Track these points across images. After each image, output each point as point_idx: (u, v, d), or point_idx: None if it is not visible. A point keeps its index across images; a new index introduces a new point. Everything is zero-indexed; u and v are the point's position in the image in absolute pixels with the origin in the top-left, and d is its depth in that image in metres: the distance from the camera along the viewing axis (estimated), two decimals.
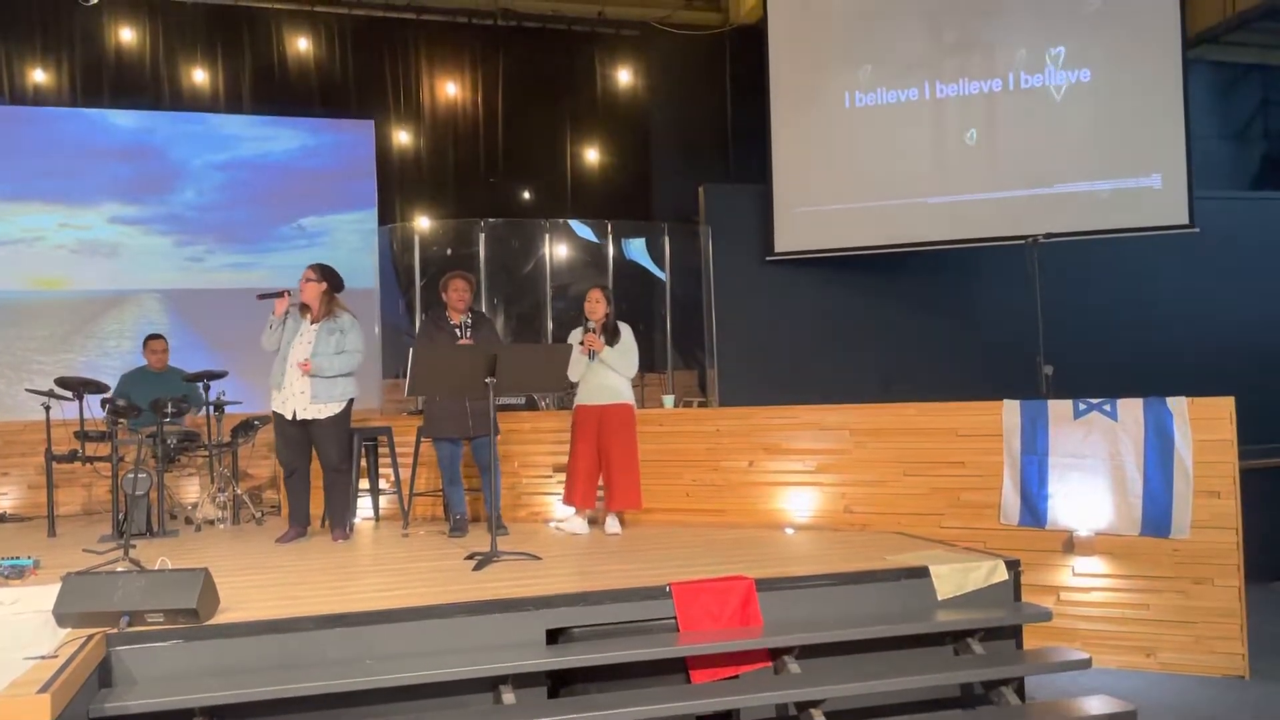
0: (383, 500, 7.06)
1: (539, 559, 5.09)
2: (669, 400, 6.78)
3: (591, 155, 10.48)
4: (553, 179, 10.34)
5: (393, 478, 6.86)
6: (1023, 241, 6.95)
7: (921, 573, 4.56)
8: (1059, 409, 5.44)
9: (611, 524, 6.03)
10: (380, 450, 6.95)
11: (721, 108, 10.21)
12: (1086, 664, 4.41)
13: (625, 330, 6.11)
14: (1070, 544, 5.33)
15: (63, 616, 3.63)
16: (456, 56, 10.11)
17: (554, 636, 4.07)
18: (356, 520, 6.51)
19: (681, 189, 9.95)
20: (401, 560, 5.41)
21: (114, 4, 9.10)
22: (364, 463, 6.81)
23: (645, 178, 10.54)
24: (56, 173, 8.90)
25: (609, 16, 10.25)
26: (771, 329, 9.30)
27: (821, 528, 5.98)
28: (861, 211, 9.12)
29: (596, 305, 6.01)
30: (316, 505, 6.41)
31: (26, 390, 7.16)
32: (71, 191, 8.94)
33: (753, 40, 9.75)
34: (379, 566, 5.31)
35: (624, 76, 10.45)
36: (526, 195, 10.43)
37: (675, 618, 4.20)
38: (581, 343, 5.96)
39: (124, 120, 9.21)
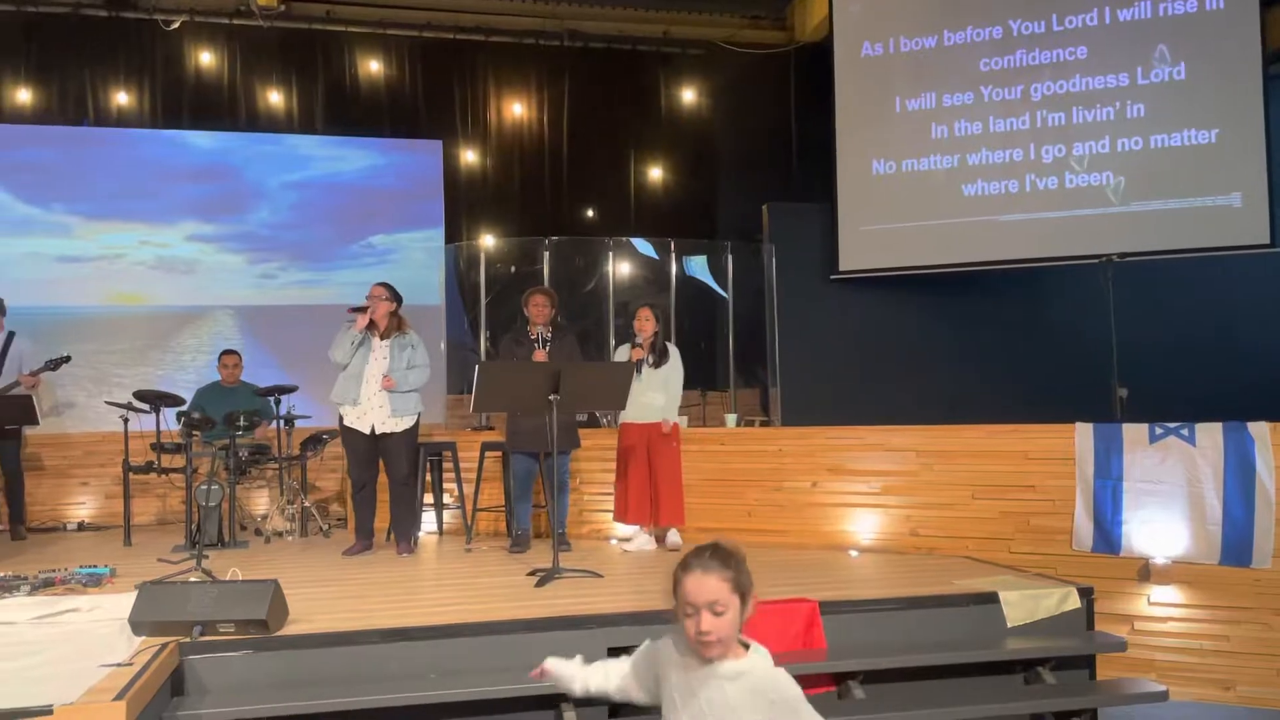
0: (445, 515, 7.13)
1: (601, 576, 5.09)
2: (731, 419, 6.75)
3: (655, 174, 10.51)
4: (616, 197, 10.39)
5: (456, 492, 6.93)
6: (1097, 261, 6.79)
7: (990, 598, 4.46)
8: (1134, 433, 5.30)
9: (672, 538, 6.04)
10: (444, 465, 7.03)
11: (786, 126, 10.18)
12: (1163, 697, 4.27)
13: (674, 352, 6.13)
14: (1146, 572, 5.18)
15: (138, 625, 3.72)
16: (523, 77, 10.23)
17: (616, 654, 4.05)
18: (420, 534, 6.58)
19: (745, 207, 9.93)
20: (465, 575, 5.46)
21: (194, 28, 9.40)
22: (428, 477, 6.89)
23: (709, 196, 10.53)
24: (137, 192, 9.19)
25: (674, 36, 10.29)
26: (835, 348, 9.20)
27: (886, 551, 5.89)
28: (929, 230, 9.00)
29: (645, 323, 6.05)
30: (381, 520, 6.49)
31: (106, 403, 7.39)
32: (151, 210, 9.22)
33: (818, 58, 9.71)
34: (443, 581, 5.35)
35: (688, 95, 10.47)
36: (590, 213, 10.49)
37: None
38: (630, 360, 5.99)
39: (202, 141, 9.49)
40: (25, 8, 8.96)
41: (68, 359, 7.54)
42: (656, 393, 6.01)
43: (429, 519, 7.02)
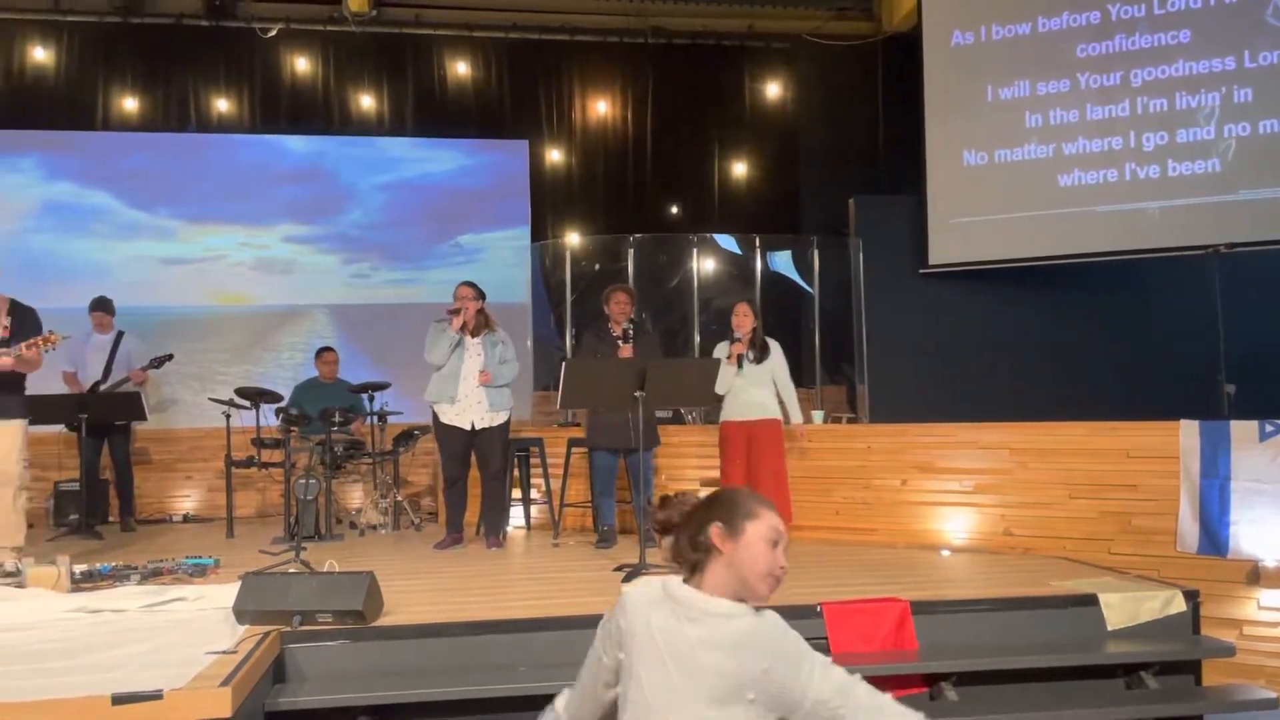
0: (532, 510, 7.21)
1: None
2: (818, 416, 6.69)
3: (739, 169, 10.46)
4: (700, 193, 10.36)
5: (543, 488, 7.01)
6: (1202, 252, 6.53)
7: (1090, 600, 4.33)
8: (1243, 430, 5.08)
9: None
10: (531, 461, 7.11)
11: (873, 118, 10.03)
12: (1273, 704, 4.09)
13: (775, 348, 6.07)
14: (1255, 575, 4.97)
15: (241, 614, 3.84)
16: (607, 75, 10.27)
17: None
18: (508, 529, 6.67)
19: (831, 201, 9.81)
20: (553, 569, 5.51)
21: (290, 35, 9.67)
22: (516, 473, 6.98)
23: (794, 191, 10.44)
24: (237, 195, 9.51)
25: (759, 31, 10.22)
26: (925, 344, 9.03)
27: (979, 550, 5.76)
28: (1023, 221, 8.77)
29: (744, 319, 6.00)
30: (469, 514, 6.60)
31: (209, 399, 7.66)
32: (250, 213, 9.53)
33: (906, 48, 9.54)
34: (531, 575, 5.42)
35: (773, 89, 10.39)
36: (674, 210, 10.49)
37: (826, 638, 4.11)
38: (729, 357, 5.95)
39: (298, 145, 9.77)
40: (131, 19, 9.34)
41: (170, 357, 7.85)
42: (758, 389, 5.96)
43: (516, 514, 7.11)
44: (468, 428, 6.15)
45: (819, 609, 4.14)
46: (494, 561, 5.85)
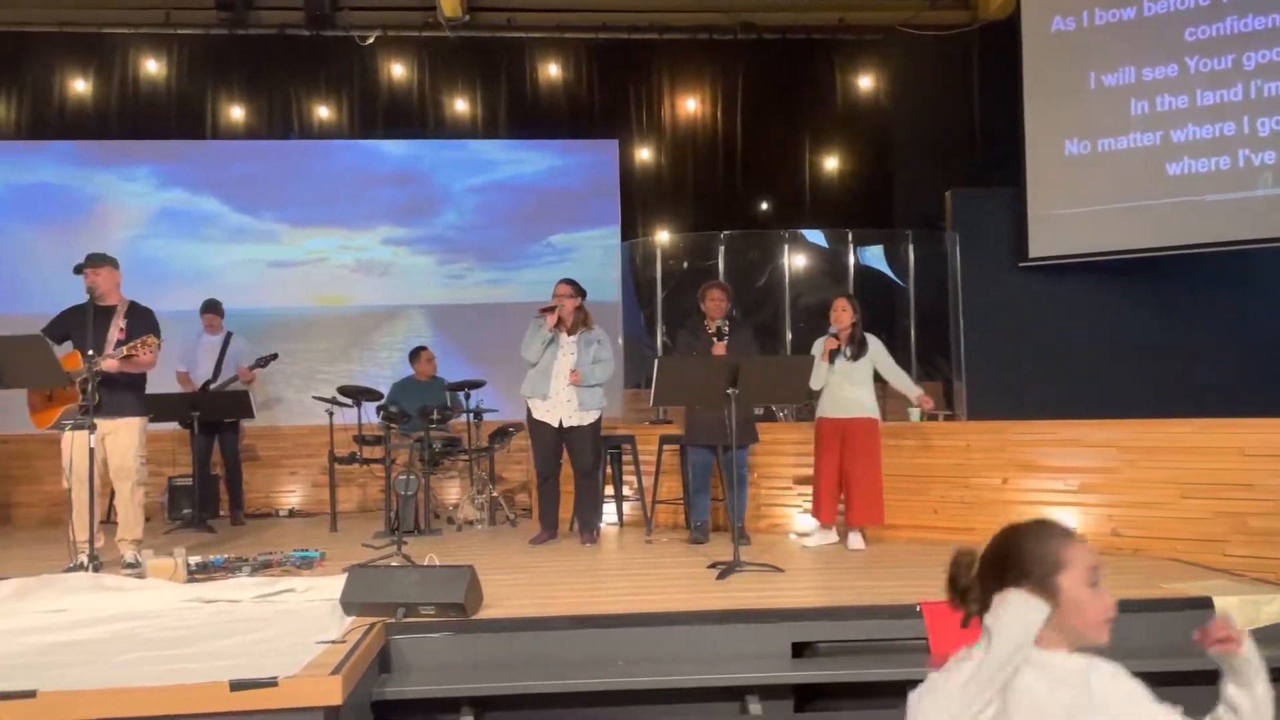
0: (625, 507, 7.26)
1: (782, 571, 5.06)
2: (915, 414, 6.57)
3: (831, 163, 10.33)
4: (791, 189, 10.27)
5: (635, 485, 7.05)
6: None
7: (1204, 604, 4.17)
8: None
9: (854, 540, 5.92)
10: (623, 458, 7.15)
11: (969, 109, 9.79)
12: None
13: (875, 343, 5.99)
14: None
15: (348, 605, 3.97)
16: (697, 72, 10.26)
17: (799, 650, 4.03)
18: (601, 525, 6.73)
19: (926, 195, 9.62)
20: (646, 565, 5.54)
21: (386, 42, 9.91)
22: (608, 469, 7.03)
23: (887, 184, 10.27)
24: (337, 199, 9.78)
25: (850, 23, 10.09)
26: (1025, 339, 8.79)
27: None
28: (1128, 212, 8.47)
29: (842, 314, 5.94)
30: (563, 510, 6.67)
31: (313, 397, 7.91)
32: (350, 216, 9.80)
33: (1004, 36, 9.29)
34: (625, 571, 5.46)
35: (865, 82, 10.24)
36: (764, 206, 10.42)
37: (926, 638, 4.05)
38: (823, 353, 5.90)
39: (395, 149, 10.00)
40: (236, 30, 9.68)
41: (275, 356, 8.11)
42: (855, 386, 5.89)
43: (609, 510, 7.17)
44: (556, 424, 6.23)
45: (918, 609, 4.08)
46: (588, 557, 5.92)
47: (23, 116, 9.71)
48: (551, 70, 10.11)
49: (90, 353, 5.17)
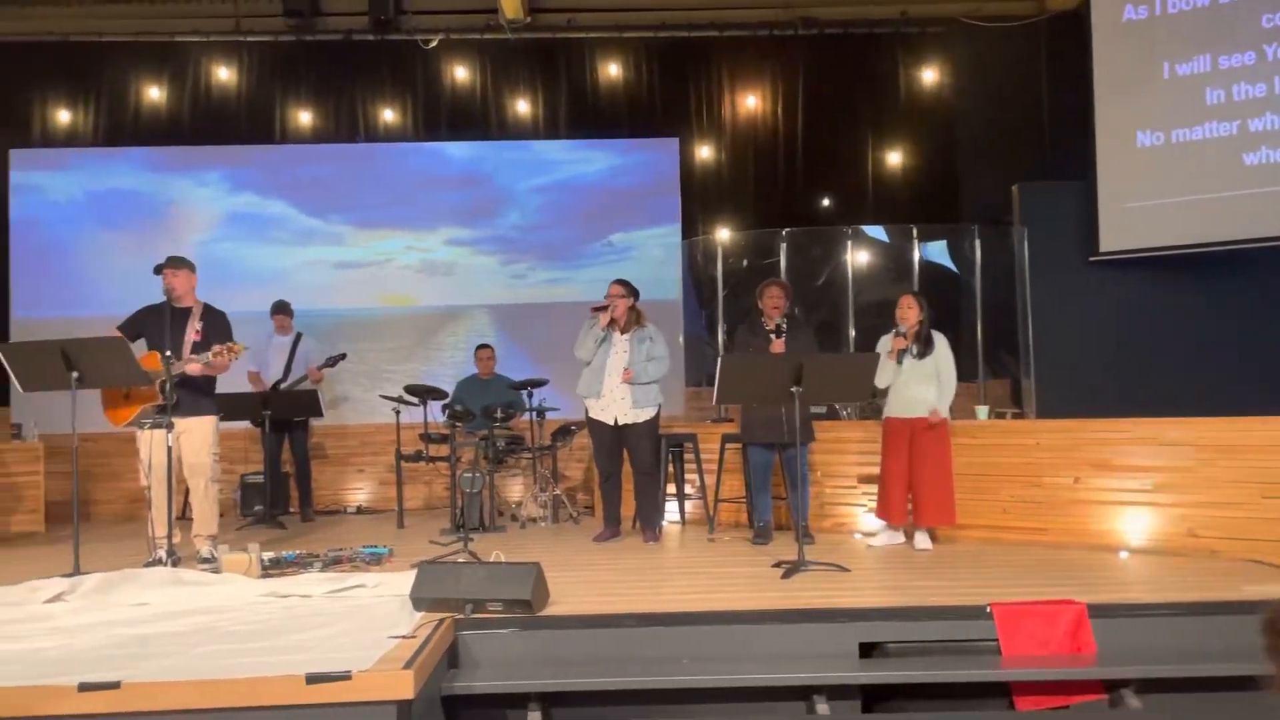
0: (687, 505, 7.25)
1: (848, 570, 5.02)
2: (983, 411, 6.46)
3: (894, 158, 10.21)
4: (854, 185, 10.17)
5: (697, 483, 7.04)
6: None
7: None
8: None
9: (921, 540, 5.84)
10: (685, 456, 7.15)
11: (1036, 101, 9.60)
12: None
13: (941, 341, 5.90)
14: None
15: (418, 601, 4.03)
16: (757, 69, 10.21)
17: (867, 650, 4.00)
18: (663, 524, 6.73)
19: (992, 189, 9.45)
20: (710, 564, 5.54)
21: (449, 45, 10.02)
22: (670, 468, 7.03)
23: (952, 179, 10.11)
24: (402, 201, 9.93)
25: (913, 16, 9.96)
26: (1096, 335, 8.60)
27: (1160, 552, 5.45)
28: (1204, 204, 8.24)
29: (909, 311, 5.86)
30: (625, 508, 6.69)
31: (380, 396, 8.03)
32: (415, 218, 9.93)
33: (1072, 26, 9.09)
34: (689, 569, 5.46)
35: (929, 75, 10.09)
36: (826, 202, 10.33)
37: (997, 639, 3.99)
38: (890, 351, 5.83)
39: (458, 151, 10.12)
40: (304, 36, 9.87)
41: (344, 356, 8.26)
42: (922, 385, 5.81)
43: (671, 509, 7.17)
44: (611, 422, 6.26)
45: (988, 610, 4.02)
46: (651, 555, 5.93)
47: (100, 124, 10.01)
48: (611, 69, 10.15)
49: (168, 354, 5.31)
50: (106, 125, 10.00)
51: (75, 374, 5.15)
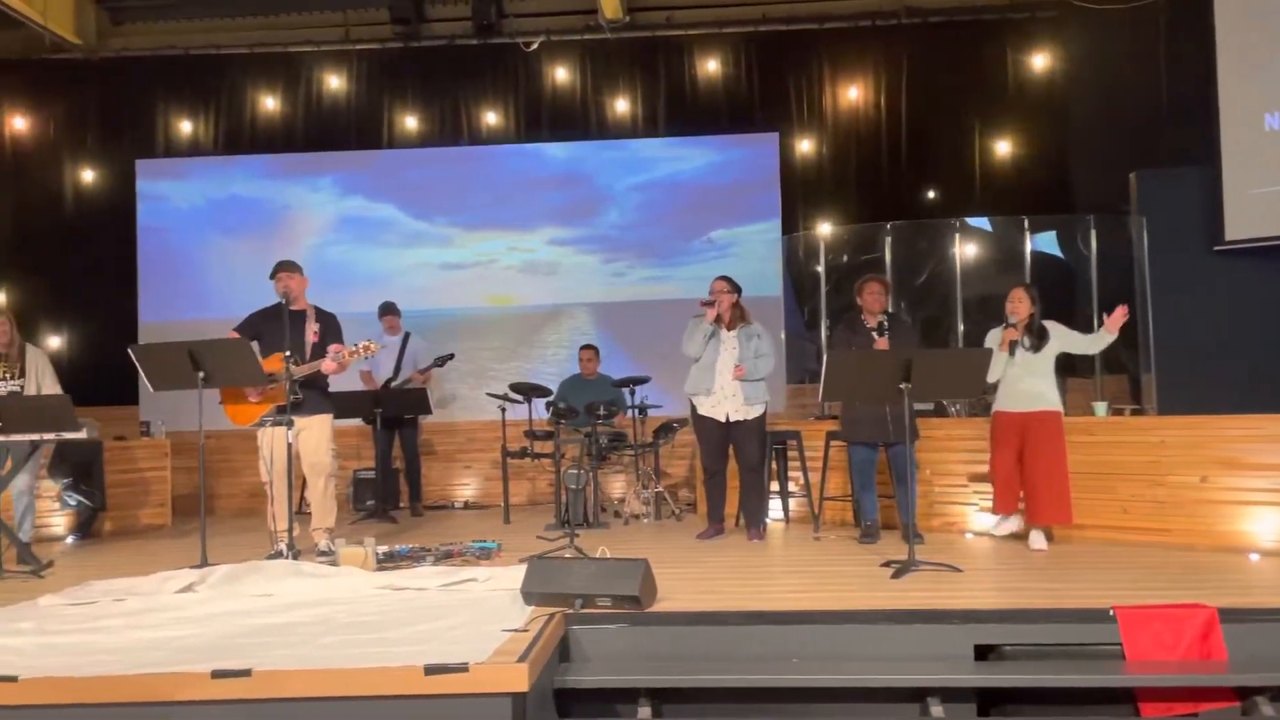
0: (791, 503, 7.20)
1: (960, 570, 4.91)
2: (1101, 408, 6.24)
3: (1002, 148, 9.92)
4: (960, 176, 9.92)
5: (801, 481, 6.97)
6: None
7: None
8: None
9: (1036, 539, 5.67)
10: (788, 454, 7.09)
11: (1154, 86, 9.20)
12: None
13: (1055, 329, 5.71)
14: None
15: (528, 595, 4.09)
16: (859, 60, 10.06)
17: (983, 652, 3.90)
18: (767, 521, 6.69)
19: (1107, 177, 9.11)
20: (816, 563, 5.48)
21: (550, 47, 10.15)
22: (774, 465, 6.99)
23: (1064, 168, 9.78)
24: (505, 203, 10.10)
25: (1021, 1, 9.67)
26: (1222, 327, 8.20)
27: None
28: None
29: (1019, 304, 5.70)
30: (728, 506, 6.67)
31: (487, 394, 8.18)
32: (517, 218, 10.10)
33: (1191, 5, 8.70)
34: (795, 568, 5.42)
35: (1038, 62, 9.78)
36: (931, 195, 10.10)
37: (1120, 644, 3.85)
38: (1000, 344, 5.68)
39: (559, 152, 10.24)
40: (410, 43, 10.12)
41: (451, 356, 8.45)
42: (1035, 378, 5.65)
43: (775, 506, 7.12)
44: (722, 419, 6.24)
45: (1111, 613, 3.88)
46: (756, 553, 5.90)
47: (219, 134, 10.44)
48: (710, 65, 10.13)
49: (289, 354, 5.51)
50: (225, 135, 10.42)
51: (201, 374, 5.39)
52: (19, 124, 10.45)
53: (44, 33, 9.39)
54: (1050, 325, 5.73)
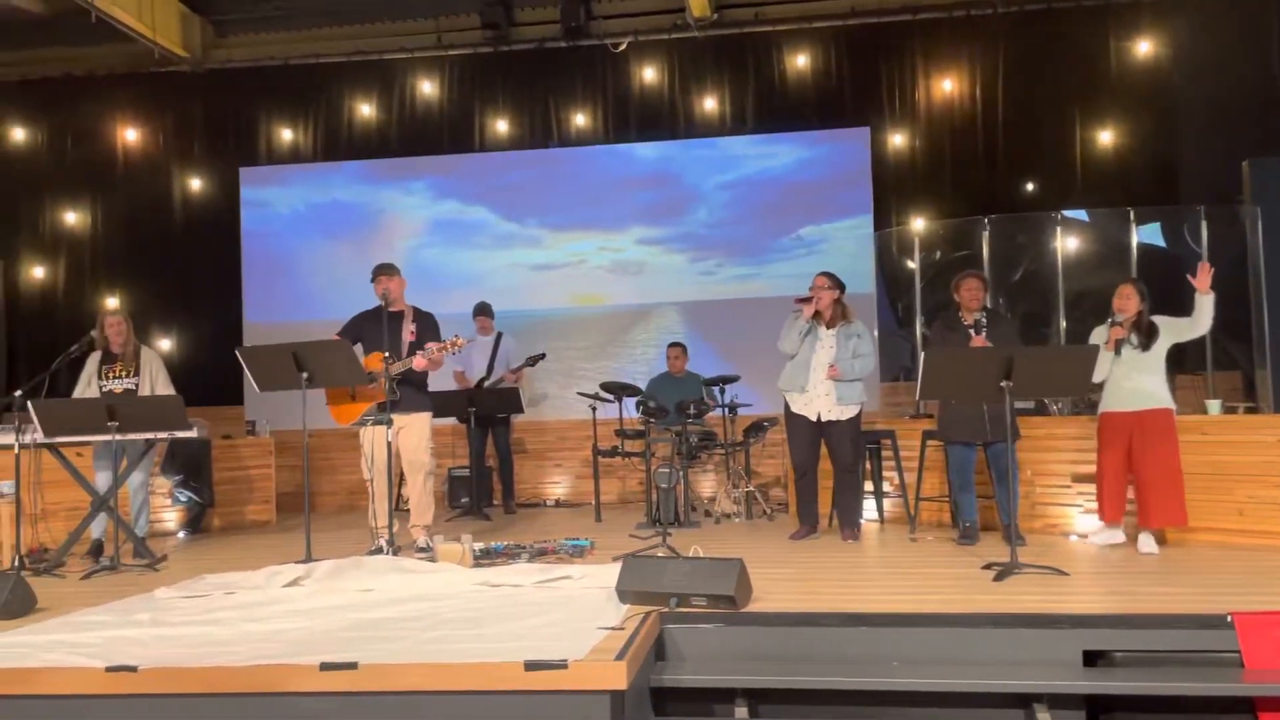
0: (886, 503, 7.08)
1: (1066, 574, 4.76)
2: (1214, 405, 5.99)
3: (1105, 138, 9.58)
4: (1060, 167, 9.61)
5: (896, 481, 6.85)
6: None
7: None
8: None
9: (1146, 542, 5.47)
10: (883, 453, 6.98)
11: (1267, 70, 8.80)
12: None
13: (1164, 323, 5.51)
14: None
15: (623, 593, 4.10)
16: (953, 51, 9.83)
17: (1092, 658, 3.78)
18: (861, 522, 6.60)
19: (1218, 166, 8.74)
20: (913, 565, 5.38)
21: (638, 47, 10.17)
22: (868, 465, 6.88)
23: (1170, 157, 9.41)
24: (594, 203, 10.17)
25: None
26: None
27: None
28: None
29: (1127, 301, 5.51)
30: (821, 506, 6.58)
31: (578, 394, 8.25)
32: (606, 219, 10.16)
33: None
34: (891, 569, 5.33)
35: (1143, 48, 9.43)
36: (1030, 187, 9.81)
37: (1238, 651, 3.69)
38: (1106, 342, 5.50)
39: (647, 152, 10.26)
40: (500, 47, 10.25)
41: (543, 356, 8.54)
42: (1144, 376, 5.45)
43: (869, 507, 7.01)
44: (814, 418, 6.16)
45: (1229, 619, 3.72)
46: (851, 554, 5.82)
47: (318, 140, 10.74)
48: (799, 61, 10.03)
49: (388, 354, 5.64)
50: (324, 141, 10.72)
51: (305, 374, 5.55)
52: (130, 135, 10.91)
53: (153, 47, 9.77)
54: (1159, 320, 5.53)
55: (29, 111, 10.97)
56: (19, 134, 11.00)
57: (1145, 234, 8.42)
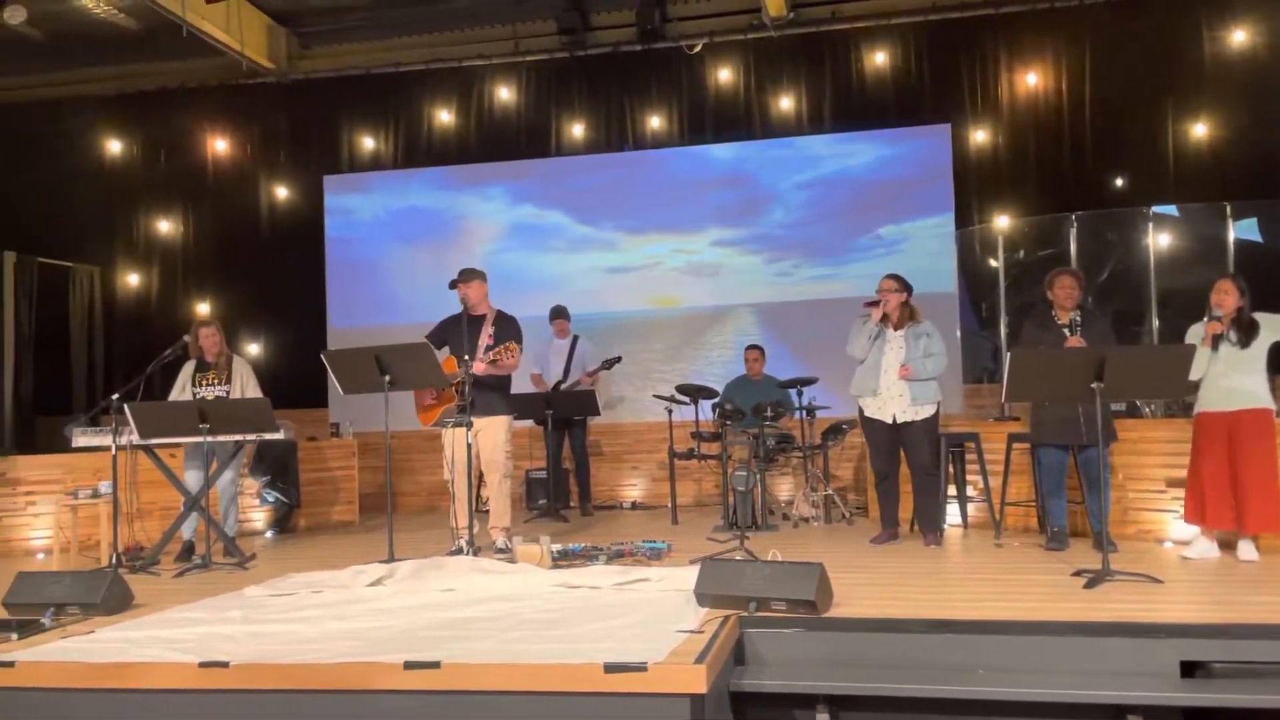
0: (970, 508, 6.93)
1: (1160, 582, 4.60)
2: None
3: (1198, 130, 9.23)
4: (1151, 162, 9.28)
5: (980, 485, 6.70)
6: None
7: None
8: None
9: (1245, 549, 5.25)
10: (966, 456, 6.83)
11: None
12: None
13: (1266, 320, 5.28)
14: None
15: (702, 596, 4.08)
16: (1037, 45, 9.58)
17: (1189, 669, 3.64)
18: (944, 527, 6.46)
19: None
20: (1000, 570, 5.26)
21: (713, 48, 10.13)
22: (950, 468, 6.74)
23: (1270, 150, 9.02)
24: (670, 205, 10.16)
25: None
26: None
27: None
28: None
29: (1225, 296, 5.30)
30: (902, 510, 6.47)
31: (654, 396, 8.25)
32: (681, 221, 10.14)
33: None
34: (977, 575, 5.21)
35: (1238, 36, 9.07)
36: (1119, 183, 9.50)
37: None
38: (1203, 339, 5.30)
39: (722, 153, 10.22)
40: (576, 52, 10.31)
41: (619, 359, 8.56)
42: (1243, 375, 5.24)
43: (952, 511, 6.87)
44: (889, 421, 6.08)
45: None
46: (934, 559, 5.71)
47: (398, 148, 10.94)
48: (878, 58, 9.89)
49: (465, 358, 5.71)
50: (404, 148, 10.91)
51: (387, 377, 5.64)
52: (219, 145, 11.25)
53: (241, 59, 10.06)
54: (1260, 316, 5.31)
55: (125, 123, 11.39)
56: (115, 146, 11.43)
57: (1242, 229, 8.11)
